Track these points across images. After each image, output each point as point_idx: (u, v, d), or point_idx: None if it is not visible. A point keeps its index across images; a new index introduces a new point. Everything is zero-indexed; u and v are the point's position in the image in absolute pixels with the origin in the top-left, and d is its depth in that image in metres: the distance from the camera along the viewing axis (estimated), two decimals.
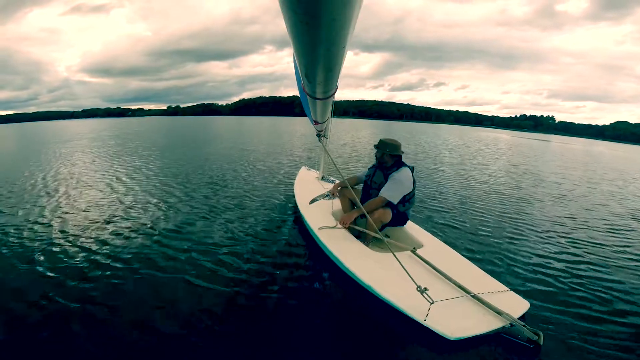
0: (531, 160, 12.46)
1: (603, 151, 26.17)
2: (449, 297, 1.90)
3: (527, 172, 9.03)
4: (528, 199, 5.54)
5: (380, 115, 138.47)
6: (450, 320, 1.73)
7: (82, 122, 55.98)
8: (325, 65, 0.96)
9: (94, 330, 1.88)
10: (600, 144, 47.37)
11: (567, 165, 12.00)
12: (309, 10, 0.70)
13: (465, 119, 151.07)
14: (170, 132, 22.26)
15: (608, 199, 6.05)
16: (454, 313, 1.80)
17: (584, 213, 4.83)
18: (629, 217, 4.77)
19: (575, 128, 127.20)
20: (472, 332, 1.70)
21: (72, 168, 7.27)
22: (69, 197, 4.67)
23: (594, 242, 3.53)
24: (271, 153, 10.27)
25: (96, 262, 2.67)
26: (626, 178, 9.39)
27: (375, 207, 2.54)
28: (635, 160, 17.86)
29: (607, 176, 9.50)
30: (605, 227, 4.13)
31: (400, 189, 2.57)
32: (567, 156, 16.75)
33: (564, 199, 5.72)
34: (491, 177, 7.67)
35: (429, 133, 29.91)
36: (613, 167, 12.84)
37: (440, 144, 17.45)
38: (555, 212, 4.78)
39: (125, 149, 11.00)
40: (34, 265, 2.59)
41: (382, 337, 1.89)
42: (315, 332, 1.93)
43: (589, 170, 10.87)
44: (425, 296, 1.79)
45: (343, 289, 2.34)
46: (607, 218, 4.61)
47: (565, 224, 4.18)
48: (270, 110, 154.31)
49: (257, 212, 4.05)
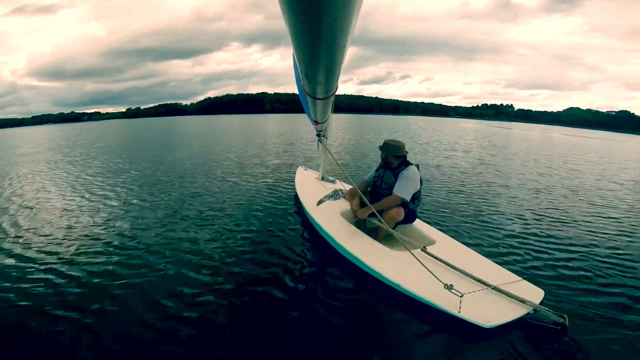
0: (503, 150, 13.03)
1: (584, 139, 26.18)
2: (472, 291, 2.00)
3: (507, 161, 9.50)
4: (526, 187, 5.82)
5: (351, 109, 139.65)
6: (480, 310, 1.84)
7: (31, 129, 51.17)
8: (325, 65, 0.97)
9: (98, 333, 1.85)
10: (565, 130, 49.50)
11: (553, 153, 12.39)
12: (309, 10, 0.71)
13: (432, 110, 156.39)
14: (129, 136, 21.00)
15: (621, 190, 5.98)
16: (481, 304, 1.91)
17: (585, 202, 4.98)
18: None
19: (533, 115, 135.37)
20: (504, 319, 1.81)
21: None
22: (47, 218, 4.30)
23: (597, 229, 3.70)
24: (258, 153, 10.03)
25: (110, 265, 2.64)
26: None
27: (390, 205, 2.61)
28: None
29: (615, 167, 9.43)
30: (614, 215, 4.26)
31: (412, 186, 2.66)
32: (553, 145, 17.26)
33: (556, 187, 5.98)
34: (485, 167, 8.03)
35: (405, 126, 30.17)
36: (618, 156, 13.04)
37: (429, 138, 16.57)
38: (555, 199, 5.05)
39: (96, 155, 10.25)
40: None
41: (415, 332, 1.96)
42: (341, 331, 1.95)
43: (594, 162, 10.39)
44: (453, 292, 1.88)
45: (364, 287, 2.37)
46: (616, 207, 4.68)
47: (567, 211, 4.38)
48: (239, 108, 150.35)
49: (262, 215, 4.01)
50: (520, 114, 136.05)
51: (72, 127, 44.19)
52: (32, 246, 3.12)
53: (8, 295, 2.28)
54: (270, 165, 7.72)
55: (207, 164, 7.93)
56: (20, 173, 7.47)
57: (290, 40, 0.85)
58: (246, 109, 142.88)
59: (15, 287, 2.40)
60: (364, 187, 3.08)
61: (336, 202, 3.34)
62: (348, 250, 2.50)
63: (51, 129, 43.50)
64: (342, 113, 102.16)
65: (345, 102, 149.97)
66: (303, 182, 4.38)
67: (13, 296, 2.27)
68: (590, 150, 15.17)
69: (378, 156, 2.99)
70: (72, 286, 2.38)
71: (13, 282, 2.46)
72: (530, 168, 8.15)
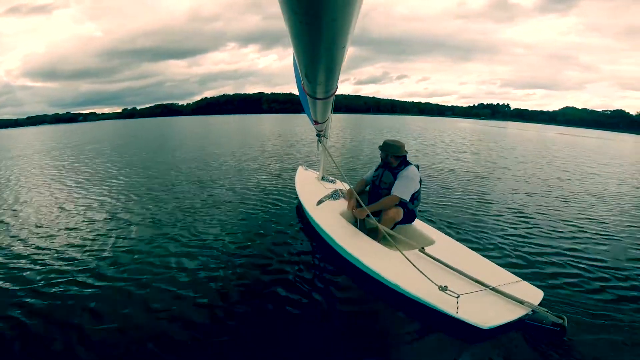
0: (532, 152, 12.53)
1: (583, 139, 26.11)
2: (470, 291, 1.97)
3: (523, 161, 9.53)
4: (529, 187, 5.85)
5: (348, 109, 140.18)
6: (478, 311, 1.82)
7: (25, 130, 50.73)
8: (325, 65, 0.96)
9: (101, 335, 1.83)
10: (562, 130, 49.66)
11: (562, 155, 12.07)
12: (309, 10, 0.70)
13: (429, 110, 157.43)
14: (124, 136, 20.90)
15: (622, 191, 5.93)
16: (479, 305, 1.88)
17: (584, 203, 4.94)
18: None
19: (529, 114, 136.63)
20: (502, 320, 1.79)
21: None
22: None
23: (600, 230, 3.69)
24: (257, 156, 9.93)
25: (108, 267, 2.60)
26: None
27: (389, 205, 2.59)
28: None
29: (616, 169, 9.15)
30: (614, 217, 4.24)
31: (411, 186, 2.64)
32: (557, 145, 17.16)
33: (556, 187, 5.98)
34: (491, 166, 8.06)
35: (405, 126, 29.99)
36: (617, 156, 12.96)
37: (433, 139, 16.07)
38: (554, 200, 5.05)
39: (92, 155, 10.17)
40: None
41: (413, 333, 1.96)
42: (339, 330, 1.96)
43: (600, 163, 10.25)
44: (448, 293, 1.86)
45: (363, 287, 2.36)
46: (618, 210, 4.64)
47: (567, 211, 4.40)
48: (236, 108, 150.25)
49: (261, 215, 4.01)
50: (517, 114, 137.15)
51: (67, 128, 43.87)
52: (28, 243, 3.09)
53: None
54: (270, 164, 7.71)
55: (205, 164, 7.89)
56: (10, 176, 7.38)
57: (290, 40, 0.84)
58: (243, 109, 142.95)
59: (10, 288, 2.36)
60: (362, 185, 3.07)
61: (336, 202, 3.34)
62: (347, 250, 2.49)
63: (44, 130, 43.12)
64: (340, 113, 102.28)
65: (343, 102, 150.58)
66: (303, 182, 4.37)
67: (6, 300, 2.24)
68: (594, 151, 14.89)
69: (379, 157, 2.96)
70: (64, 288, 2.35)
71: (13, 282, 2.44)
72: (547, 172, 7.74)
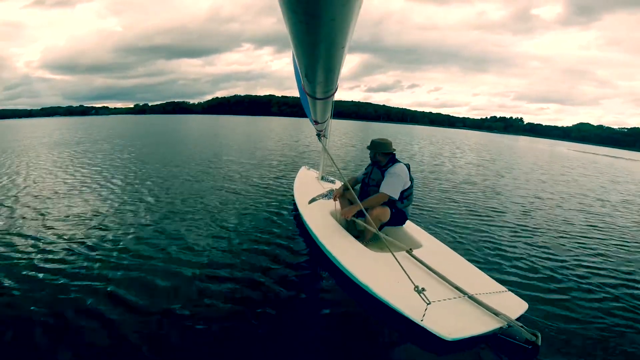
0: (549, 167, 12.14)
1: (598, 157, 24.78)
2: (446, 298, 1.90)
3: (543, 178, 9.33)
4: (527, 201, 5.77)
5: (358, 116, 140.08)
6: (447, 321, 1.73)
7: (37, 121, 51.72)
8: (325, 65, 0.97)
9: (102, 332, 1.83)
10: (577, 146, 48.29)
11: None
12: (308, 10, 0.71)
13: (439, 121, 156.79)
14: (137, 132, 21.19)
15: (617, 208, 5.83)
16: (451, 314, 1.80)
17: (583, 215, 4.91)
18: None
19: (543, 129, 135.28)
20: (469, 332, 1.69)
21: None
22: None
23: (595, 244, 3.63)
24: (265, 153, 10.08)
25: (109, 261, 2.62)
26: None
27: (376, 203, 2.57)
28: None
29: (613, 186, 8.84)
30: (607, 233, 4.17)
31: (399, 182, 2.61)
32: (571, 161, 16.87)
33: (563, 202, 5.88)
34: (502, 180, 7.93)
35: (422, 137, 28.57)
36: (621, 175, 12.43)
37: (462, 154, 14.76)
38: (555, 213, 4.99)
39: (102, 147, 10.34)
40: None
41: (379, 337, 1.91)
42: (311, 331, 1.94)
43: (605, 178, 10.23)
44: (422, 296, 1.76)
45: (341, 288, 2.34)
46: (614, 225, 4.55)
47: (565, 226, 4.31)
48: (246, 109, 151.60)
49: (256, 211, 4.03)
50: (530, 128, 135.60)
51: (79, 121, 44.44)
52: (29, 237, 3.13)
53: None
54: (274, 164, 7.73)
55: (209, 163, 7.94)
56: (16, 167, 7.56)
57: (290, 40, 0.86)
58: (253, 111, 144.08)
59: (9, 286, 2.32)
60: (352, 183, 3.07)
61: (329, 201, 3.32)
62: (327, 248, 2.47)
63: (55, 122, 43.63)
64: (349, 119, 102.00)
65: (352, 109, 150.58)
66: (301, 181, 4.38)
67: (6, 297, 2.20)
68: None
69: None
70: (64, 288, 2.29)
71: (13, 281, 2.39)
72: (571, 188, 7.55)
